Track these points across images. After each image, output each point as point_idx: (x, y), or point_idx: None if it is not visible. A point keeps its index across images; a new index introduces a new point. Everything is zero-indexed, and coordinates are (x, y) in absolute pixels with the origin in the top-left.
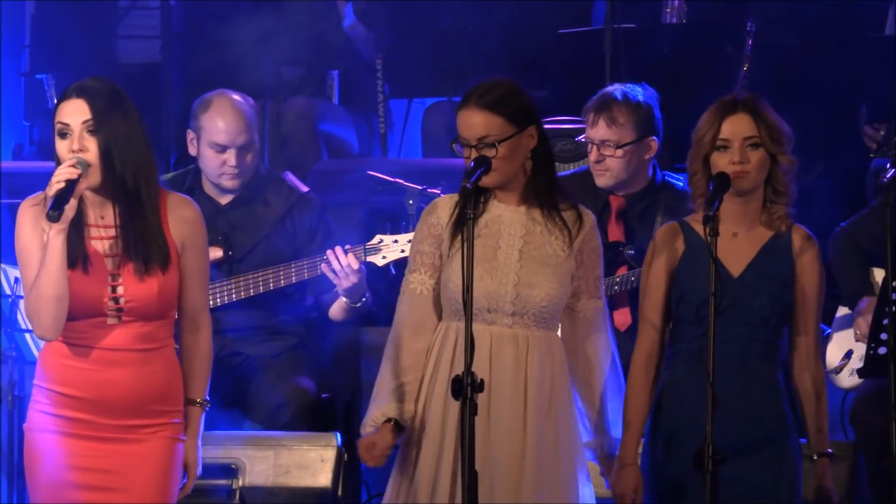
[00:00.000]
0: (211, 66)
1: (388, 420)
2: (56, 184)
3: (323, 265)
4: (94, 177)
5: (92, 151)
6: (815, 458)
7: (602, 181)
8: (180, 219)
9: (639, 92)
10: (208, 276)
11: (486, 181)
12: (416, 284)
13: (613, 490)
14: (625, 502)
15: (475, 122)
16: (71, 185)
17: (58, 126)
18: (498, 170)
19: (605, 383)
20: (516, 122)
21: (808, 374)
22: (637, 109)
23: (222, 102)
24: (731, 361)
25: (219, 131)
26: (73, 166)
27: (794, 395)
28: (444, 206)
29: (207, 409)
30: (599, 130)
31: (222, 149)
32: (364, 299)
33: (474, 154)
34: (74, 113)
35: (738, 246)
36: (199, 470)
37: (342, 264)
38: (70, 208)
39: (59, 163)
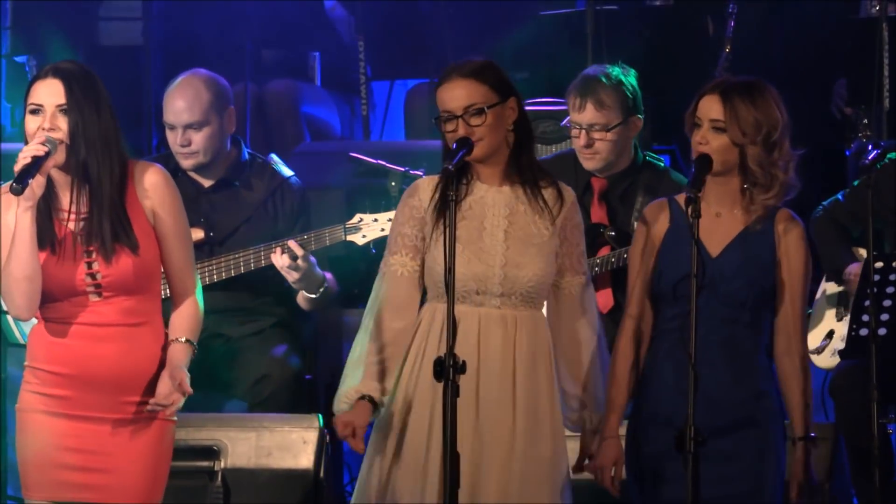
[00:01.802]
0: (192, 49)
1: (363, 397)
2: (23, 159)
3: (271, 257)
4: (61, 155)
5: (63, 131)
6: (796, 441)
7: (591, 164)
8: (147, 187)
9: (620, 72)
10: (189, 237)
11: (474, 153)
12: (398, 266)
13: (594, 464)
14: (604, 475)
15: (460, 93)
16: (37, 161)
17: (30, 106)
18: (484, 139)
19: (592, 359)
20: (499, 91)
21: (789, 357)
22: (621, 90)
23: (178, 82)
24: (707, 341)
25: (167, 110)
26: (42, 143)
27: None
28: (426, 188)
29: (194, 348)
30: (587, 114)
31: (171, 127)
32: (322, 289)
33: (461, 126)
34: (49, 94)
35: (719, 226)
36: (184, 374)
37: (280, 264)
38: (38, 185)
39: (27, 141)
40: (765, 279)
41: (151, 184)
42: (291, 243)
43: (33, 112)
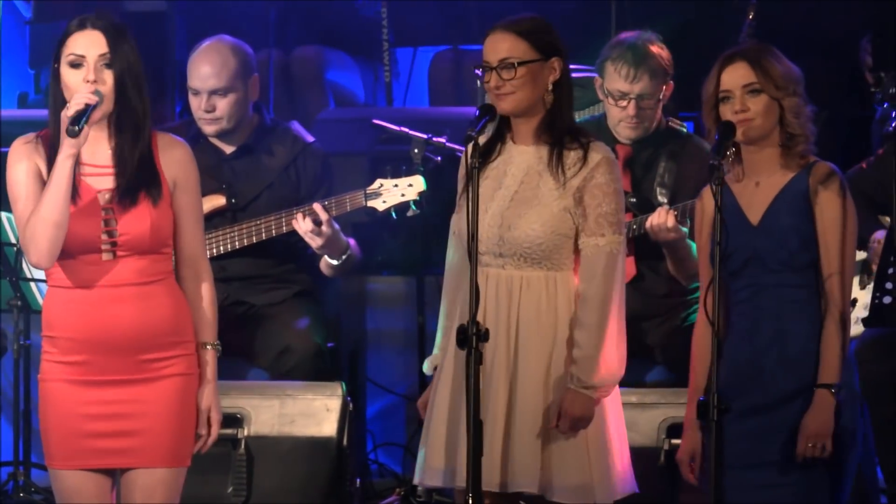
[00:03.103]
0: (215, 15)
1: (437, 368)
2: (75, 105)
3: (293, 222)
4: (107, 107)
5: (108, 84)
6: (815, 388)
7: (635, 134)
8: (172, 159)
9: (656, 37)
10: (202, 218)
11: (503, 106)
12: (454, 226)
13: (677, 456)
14: (682, 468)
15: (499, 46)
16: (89, 108)
17: (70, 57)
18: (515, 93)
19: (591, 318)
20: (540, 49)
21: (829, 308)
22: (666, 56)
23: (203, 47)
24: (765, 310)
25: (193, 75)
26: (91, 94)
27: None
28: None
29: (219, 351)
30: (641, 84)
31: (196, 92)
32: (346, 255)
33: (493, 78)
34: (90, 45)
35: (759, 194)
36: (220, 415)
37: (303, 229)
38: (84, 135)
39: (67, 98)
40: (809, 235)
41: (177, 157)
42: (316, 206)
43: (74, 65)
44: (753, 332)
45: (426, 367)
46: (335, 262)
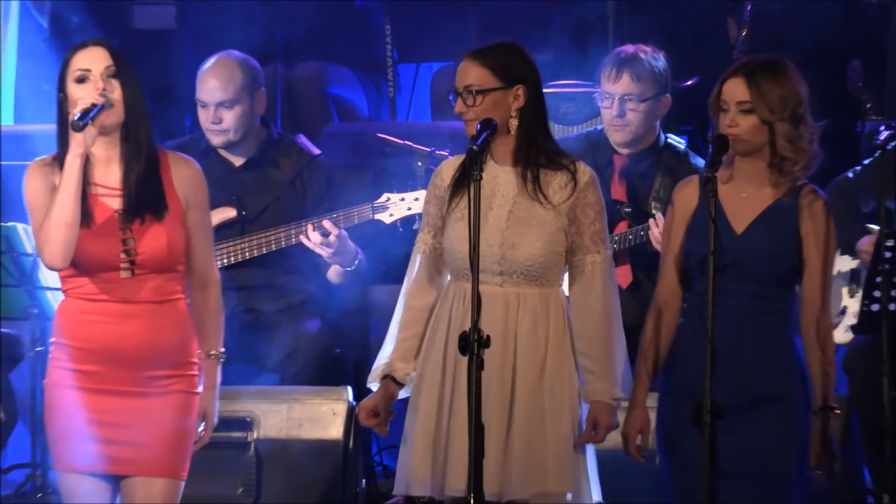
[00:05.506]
0: (223, 32)
1: (386, 377)
2: (82, 103)
3: (301, 237)
4: (117, 115)
5: (116, 92)
6: (815, 412)
7: (620, 137)
8: (183, 177)
9: (656, 49)
10: (212, 232)
11: (468, 131)
12: (421, 244)
13: (621, 431)
14: (629, 444)
15: (465, 73)
16: (95, 107)
17: (77, 73)
18: (476, 119)
19: (598, 334)
20: (503, 77)
21: (812, 330)
22: (657, 66)
23: (212, 61)
24: (731, 318)
25: (200, 88)
26: (99, 95)
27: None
28: (449, 167)
29: (223, 360)
30: (622, 84)
31: (204, 105)
32: (357, 261)
33: (459, 103)
34: (94, 59)
35: (745, 204)
36: (216, 420)
37: (313, 242)
38: (90, 135)
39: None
40: (789, 254)
41: (188, 175)
42: (326, 223)
43: (80, 80)
44: (719, 338)
45: (376, 379)
46: (348, 269)
